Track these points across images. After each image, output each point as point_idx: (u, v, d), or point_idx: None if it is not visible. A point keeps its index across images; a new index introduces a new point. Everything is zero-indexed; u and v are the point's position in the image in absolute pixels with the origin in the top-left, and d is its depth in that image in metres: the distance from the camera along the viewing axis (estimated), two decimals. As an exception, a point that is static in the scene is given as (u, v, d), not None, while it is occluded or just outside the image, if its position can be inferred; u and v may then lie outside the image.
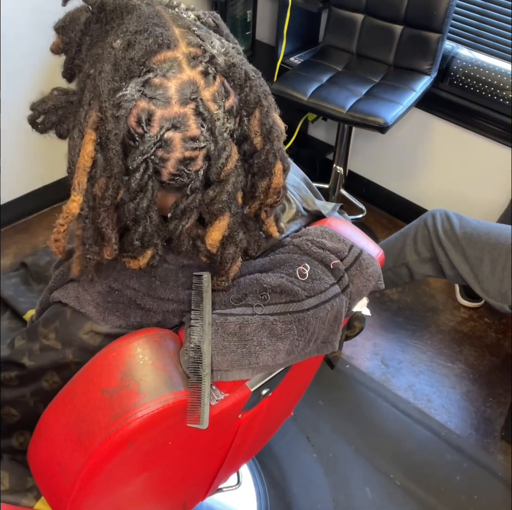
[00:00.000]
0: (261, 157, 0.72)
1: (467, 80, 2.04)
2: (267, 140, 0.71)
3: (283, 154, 0.74)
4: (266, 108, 0.70)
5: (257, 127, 0.70)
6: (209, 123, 0.64)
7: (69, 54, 0.70)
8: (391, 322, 2.08)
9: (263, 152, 0.71)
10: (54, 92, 0.70)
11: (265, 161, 0.72)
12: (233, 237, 0.72)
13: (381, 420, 1.77)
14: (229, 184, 0.68)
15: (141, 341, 0.69)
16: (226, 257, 0.72)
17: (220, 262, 0.73)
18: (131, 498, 0.91)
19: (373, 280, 0.86)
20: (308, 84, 1.98)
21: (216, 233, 0.70)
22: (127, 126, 0.63)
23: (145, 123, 0.63)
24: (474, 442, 1.73)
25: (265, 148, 0.71)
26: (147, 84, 0.62)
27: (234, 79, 0.66)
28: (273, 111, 0.72)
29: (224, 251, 0.72)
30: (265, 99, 0.70)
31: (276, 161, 0.73)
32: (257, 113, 0.69)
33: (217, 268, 0.74)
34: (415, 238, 1.73)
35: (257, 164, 0.72)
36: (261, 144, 0.71)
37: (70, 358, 0.74)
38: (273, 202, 0.76)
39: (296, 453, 1.67)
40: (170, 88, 0.62)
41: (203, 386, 0.69)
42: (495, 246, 1.58)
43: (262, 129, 0.70)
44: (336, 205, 0.98)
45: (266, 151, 0.71)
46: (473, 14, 2.05)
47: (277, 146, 0.72)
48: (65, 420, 0.70)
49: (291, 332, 0.74)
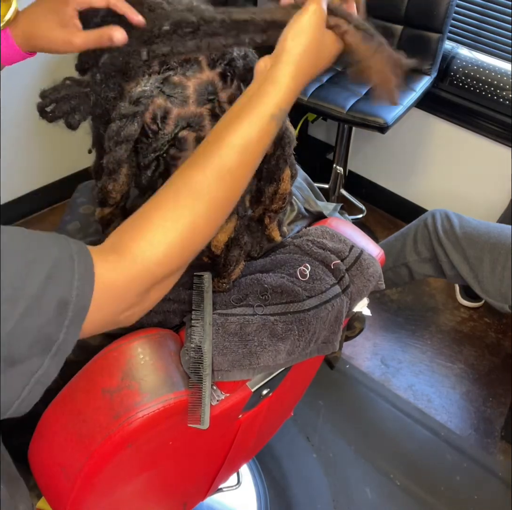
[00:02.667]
0: (271, 162, 0.72)
1: (467, 80, 2.04)
2: (278, 145, 0.71)
3: (292, 160, 0.74)
4: None
5: None
6: None
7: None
8: (391, 322, 2.08)
9: (274, 157, 0.71)
10: (66, 81, 0.69)
11: (275, 167, 0.72)
12: (238, 240, 0.72)
13: (381, 420, 1.77)
14: None
15: (141, 341, 0.69)
16: (230, 259, 0.72)
17: (224, 264, 0.73)
18: (131, 498, 0.91)
19: (373, 280, 0.86)
20: (308, 84, 1.98)
21: (222, 234, 0.70)
22: (142, 122, 0.63)
23: (160, 121, 0.63)
24: (474, 442, 1.73)
25: (276, 153, 0.71)
26: (166, 82, 0.62)
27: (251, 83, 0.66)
28: (285, 117, 0.72)
29: (229, 253, 0.72)
30: None
31: (286, 167, 0.73)
32: None
33: (219, 269, 0.74)
34: (415, 238, 1.73)
35: (267, 169, 0.72)
36: (272, 149, 0.71)
37: (70, 358, 0.74)
38: (278, 208, 0.76)
39: (296, 453, 1.67)
40: (188, 87, 0.62)
41: (204, 386, 0.69)
42: (495, 246, 1.58)
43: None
44: (337, 205, 0.98)
45: (277, 156, 0.71)
46: (473, 14, 2.04)
47: (288, 152, 0.72)
48: (66, 420, 0.70)
49: (292, 332, 0.74)
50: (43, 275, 0.47)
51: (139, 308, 0.58)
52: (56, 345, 0.50)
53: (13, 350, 0.47)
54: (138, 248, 0.54)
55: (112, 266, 0.53)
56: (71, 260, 0.50)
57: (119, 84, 0.65)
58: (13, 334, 0.46)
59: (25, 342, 0.47)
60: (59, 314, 0.48)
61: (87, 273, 0.50)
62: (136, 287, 0.55)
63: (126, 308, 0.56)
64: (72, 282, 0.49)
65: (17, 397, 0.49)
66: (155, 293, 0.58)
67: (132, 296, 0.55)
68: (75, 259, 0.50)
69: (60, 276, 0.49)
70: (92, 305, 0.51)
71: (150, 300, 0.59)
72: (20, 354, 0.47)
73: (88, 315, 0.51)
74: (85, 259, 0.51)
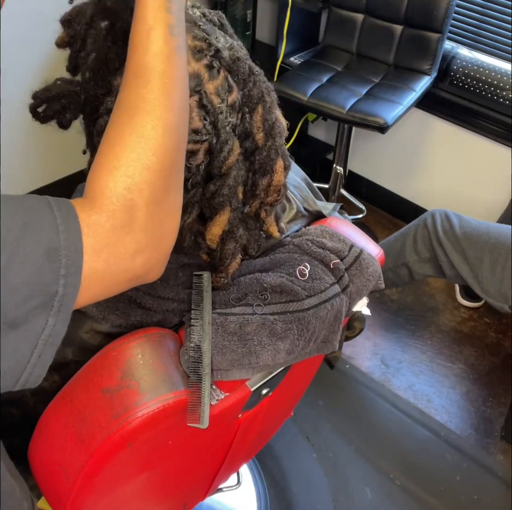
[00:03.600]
0: (263, 153, 0.72)
1: (467, 80, 2.04)
2: (269, 136, 0.71)
3: (284, 151, 0.74)
4: (269, 103, 0.70)
5: (259, 123, 0.70)
6: (212, 116, 0.64)
7: (74, 47, 0.69)
8: (391, 322, 2.08)
9: (265, 148, 0.71)
10: (57, 81, 0.70)
11: (266, 158, 0.72)
12: (233, 232, 0.72)
13: (381, 420, 1.77)
14: (231, 178, 0.68)
15: (141, 341, 0.69)
16: (226, 252, 0.72)
17: (220, 258, 0.73)
18: (131, 498, 0.91)
19: (373, 279, 0.86)
20: (308, 84, 1.99)
21: (216, 227, 0.70)
22: None
23: None
24: (474, 442, 1.73)
25: (267, 144, 0.71)
26: None
27: (238, 73, 0.66)
28: (276, 108, 0.72)
29: (224, 246, 0.72)
30: (268, 95, 0.70)
31: (278, 158, 0.73)
32: (260, 108, 0.69)
33: (216, 264, 0.74)
34: (415, 238, 1.73)
35: (259, 161, 0.72)
36: (263, 140, 0.71)
37: (70, 357, 0.74)
38: (274, 200, 0.76)
39: (296, 453, 1.67)
40: None
41: (203, 386, 0.69)
42: (495, 246, 1.58)
43: (265, 124, 0.70)
44: (337, 205, 0.98)
45: (268, 147, 0.71)
46: (473, 14, 2.05)
47: (279, 143, 0.72)
48: (65, 419, 0.70)
49: (291, 331, 0.74)
50: (19, 223, 0.46)
51: (151, 250, 0.54)
52: (57, 300, 0.47)
53: (8, 309, 0.45)
54: (102, 181, 0.52)
55: (90, 208, 0.50)
56: (49, 207, 0.48)
57: (108, 80, 0.65)
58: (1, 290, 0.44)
59: (18, 297, 0.45)
60: (51, 262, 0.46)
61: (70, 216, 0.49)
62: (122, 222, 0.51)
63: (130, 251, 0.52)
64: (55, 228, 0.47)
65: (27, 361, 0.47)
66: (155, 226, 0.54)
67: (125, 233, 0.51)
68: (53, 207, 0.49)
69: (38, 222, 0.47)
70: (86, 253, 0.48)
71: (158, 237, 0.55)
72: (19, 313, 0.45)
73: (89, 264, 0.48)
74: (65, 205, 0.49)
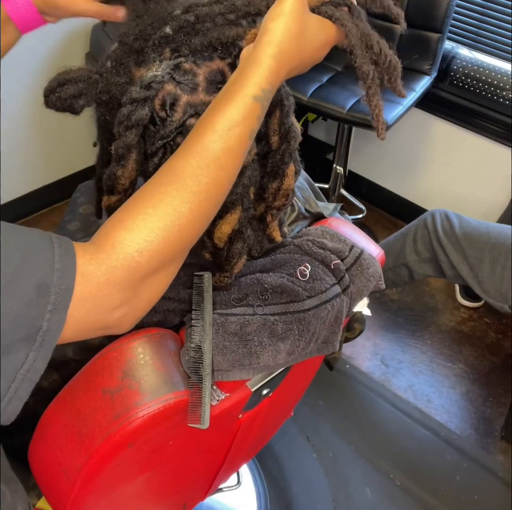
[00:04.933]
0: (276, 156, 0.72)
1: (467, 80, 2.04)
2: (284, 139, 0.71)
3: (296, 156, 0.75)
4: (287, 108, 0.70)
5: (276, 126, 0.70)
6: None
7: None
8: (391, 322, 2.08)
9: (279, 151, 0.72)
10: (76, 68, 0.69)
11: (280, 161, 0.72)
12: (241, 232, 0.72)
13: (381, 420, 1.77)
14: (245, 177, 0.68)
15: (142, 341, 0.69)
16: (233, 252, 0.72)
17: (226, 257, 0.73)
18: (131, 498, 0.91)
19: (373, 280, 0.86)
20: (308, 84, 1.98)
21: (226, 226, 0.70)
22: (152, 107, 0.63)
23: (169, 107, 0.63)
24: (474, 442, 1.73)
25: (281, 147, 0.71)
26: (177, 68, 0.62)
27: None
28: (292, 112, 0.72)
29: (232, 246, 0.72)
30: (287, 99, 0.70)
31: (290, 162, 0.73)
32: (277, 112, 0.69)
33: (222, 263, 0.74)
34: (415, 238, 1.73)
35: (271, 164, 0.72)
36: (278, 144, 0.71)
37: (69, 356, 0.74)
38: (281, 205, 0.76)
39: (296, 453, 1.67)
40: (199, 75, 0.63)
41: (204, 386, 0.69)
42: (495, 246, 1.58)
43: (281, 128, 0.70)
44: (337, 205, 0.98)
45: (282, 150, 0.72)
46: (473, 14, 2.05)
47: (293, 146, 0.72)
48: (66, 420, 0.69)
49: (292, 332, 0.74)
50: (18, 257, 0.46)
51: (130, 308, 0.54)
52: (40, 335, 0.48)
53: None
54: (117, 236, 0.52)
55: (92, 257, 0.51)
56: (50, 243, 0.49)
57: (130, 70, 0.65)
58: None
59: (6, 326, 0.45)
60: (40, 296, 0.47)
61: (68, 257, 0.49)
62: (119, 279, 0.51)
63: (113, 305, 0.52)
64: (51, 264, 0.47)
65: (4, 395, 0.48)
66: (145, 290, 0.55)
67: (117, 290, 0.51)
68: (54, 243, 0.49)
69: (37, 257, 0.47)
70: (73, 299, 0.49)
71: (142, 299, 0.55)
72: (4, 341, 0.45)
73: (70, 311, 0.49)
74: (65, 245, 0.50)
